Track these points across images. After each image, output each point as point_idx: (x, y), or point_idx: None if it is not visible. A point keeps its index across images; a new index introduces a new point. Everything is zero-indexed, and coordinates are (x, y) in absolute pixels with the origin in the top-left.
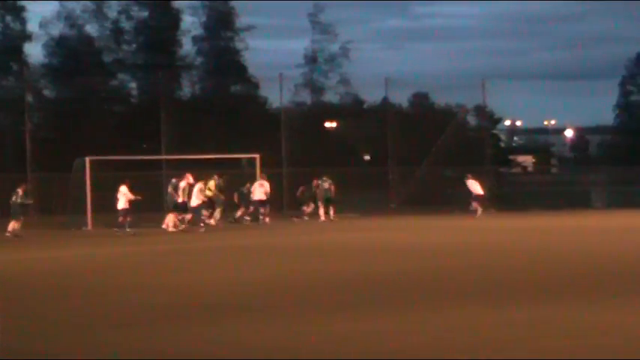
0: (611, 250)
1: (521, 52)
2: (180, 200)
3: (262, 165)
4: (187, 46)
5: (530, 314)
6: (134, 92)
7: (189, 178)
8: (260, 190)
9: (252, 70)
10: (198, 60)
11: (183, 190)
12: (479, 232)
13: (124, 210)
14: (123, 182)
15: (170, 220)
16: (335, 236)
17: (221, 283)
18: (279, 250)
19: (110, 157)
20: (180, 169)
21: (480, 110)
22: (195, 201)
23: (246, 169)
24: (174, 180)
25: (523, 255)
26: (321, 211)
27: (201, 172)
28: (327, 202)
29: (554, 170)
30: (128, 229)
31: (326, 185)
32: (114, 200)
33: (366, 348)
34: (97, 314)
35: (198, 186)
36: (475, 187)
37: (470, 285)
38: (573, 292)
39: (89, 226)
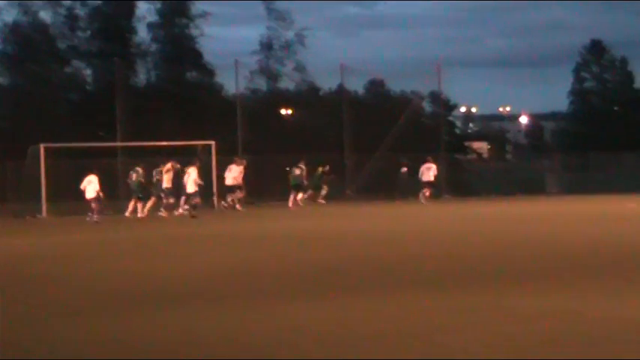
0: (562, 236)
1: (476, 40)
2: (165, 186)
3: (218, 152)
4: (142, 34)
5: (480, 300)
6: (89, 79)
7: (174, 165)
8: (228, 175)
9: (207, 57)
10: (154, 47)
11: (169, 176)
12: (432, 219)
13: (94, 199)
14: (91, 172)
15: (131, 206)
16: (290, 223)
17: (177, 271)
18: (235, 238)
19: (65, 145)
20: (135, 156)
21: (435, 97)
22: (192, 187)
23: (202, 157)
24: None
25: (475, 241)
26: (291, 198)
27: (158, 160)
28: (297, 188)
29: (509, 157)
30: (95, 217)
31: (297, 171)
32: (77, 189)
33: (318, 336)
34: (49, 302)
35: (194, 172)
36: (428, 173)
37: (421, 272)
38: (523, 278)
39: (44, 214)
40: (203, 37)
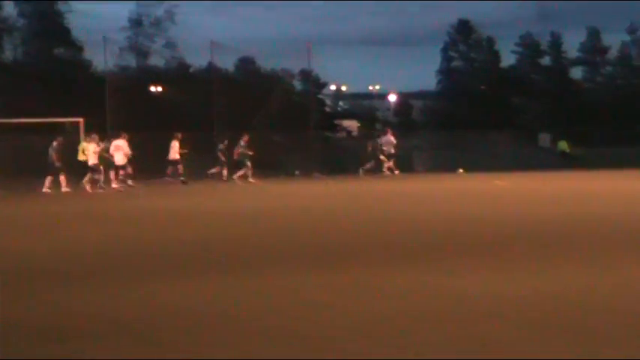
0: (432, 214)
1: (347, 18)
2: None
3: (86, 129)
4: (9, 8)
5: (351, 277)
6: None
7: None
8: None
9: (76, 33)
10: (21, 22)
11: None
12: (303, 196)
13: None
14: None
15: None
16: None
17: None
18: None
19: None
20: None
21: (306, 75)
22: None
23: (70, 132)
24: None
25: (345, 219)
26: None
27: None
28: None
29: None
30: None
31: (240, 149)
32: None
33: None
34: None
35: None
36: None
37: (291, 249)
38: (398, 256)
39: None
40: (71, 12)
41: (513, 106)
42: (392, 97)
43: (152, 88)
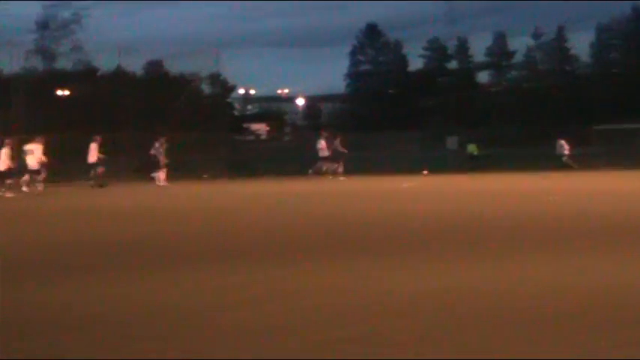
0: (338, 213)
1: (254, 20)
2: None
3: None
4: None
5: (267, 276)
6: None
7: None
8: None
9: None
10: None
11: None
12: (207, 198)
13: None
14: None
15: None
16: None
17: None
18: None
19: None
20: None
21: (214, 78)
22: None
23: None
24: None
25: (249, 219)
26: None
27: None
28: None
29: (287, 138)
30: None
31: (152, 151)
32: None
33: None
34: None
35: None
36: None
37: (207, 249)
38: (309, 254)
39: None
40: None
41: (421, 108)
42: (300, 101)
43: (59, 91)
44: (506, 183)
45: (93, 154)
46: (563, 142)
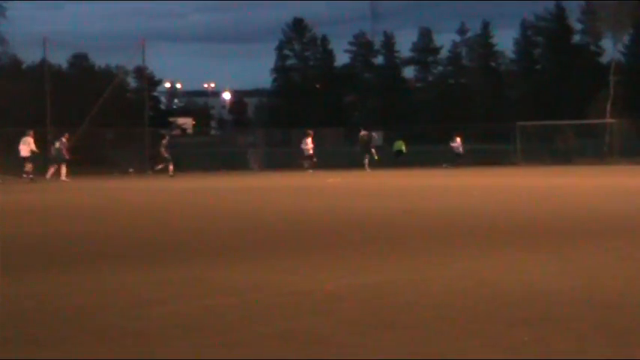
0: (264, 209)
1: (179, 15)
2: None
3: None
4: None
5: (184, 274)
6: None
7: None
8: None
9: None
10: None
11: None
12: (135, 193)
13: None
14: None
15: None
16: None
17: None
18: None
19: None
20: None
21: (140, 72)
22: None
23: None
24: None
25: (178, 215)
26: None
27: None
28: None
29: (213, 132)
30: None
31: (57, 145)
32: None
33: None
34: None
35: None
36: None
37: (123, 246)
38: (228, 252)
39: None
40: None
41: (345, 104)
42: (226, 95)
43: None
44: (428, 178)
45: (26, 148)
46: (458, 139)
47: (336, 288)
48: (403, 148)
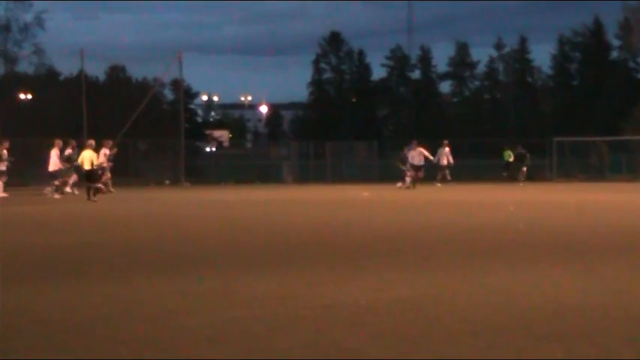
0: (294, 222)
1: (213, 27)
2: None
3: None
4: None
5: (210, 285)
6: None
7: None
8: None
9: None
10: None
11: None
12: (168, 204)
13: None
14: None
15: None
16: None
17: None
18: None
19: None
20: None
21: (177, 84)
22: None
23: None
24: None
25: (208, 226)
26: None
27: None
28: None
29: (249, 145)
30: None
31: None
32: None
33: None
34: None
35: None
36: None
37: (152, 257)
38: (254, 264)
39: None
40: None
41: (379, 118)
42: (263, 108)
43: (21, 95)
44: (461, 194)
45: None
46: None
47: (364, 301)
48: (511, 158)
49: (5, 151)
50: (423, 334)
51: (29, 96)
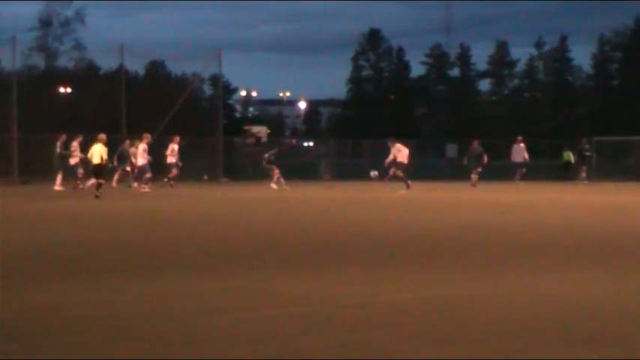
0: (328, 221)
1: (250, 25)
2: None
3: None
4: None
5: (244, 284)
6: None
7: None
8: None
9: None
10: None
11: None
12: (204, 202)
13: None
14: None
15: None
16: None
17: None
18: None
19: None
20: None
21: (216, 80)
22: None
23: None
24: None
25: (244, 225)
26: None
27: None
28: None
29: (286, 141)
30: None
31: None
32: None
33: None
34: None
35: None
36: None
37: (186, 254)
38: (286, 263)
39: None
40: None
41: (417, 116)
42: (302, 105)
43: (61, 89)
44: (500, 193)
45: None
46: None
47: (396, 301)
48: (572, 159)
49: (176, 146)
50: (456, 334)
51: (69, 90)
